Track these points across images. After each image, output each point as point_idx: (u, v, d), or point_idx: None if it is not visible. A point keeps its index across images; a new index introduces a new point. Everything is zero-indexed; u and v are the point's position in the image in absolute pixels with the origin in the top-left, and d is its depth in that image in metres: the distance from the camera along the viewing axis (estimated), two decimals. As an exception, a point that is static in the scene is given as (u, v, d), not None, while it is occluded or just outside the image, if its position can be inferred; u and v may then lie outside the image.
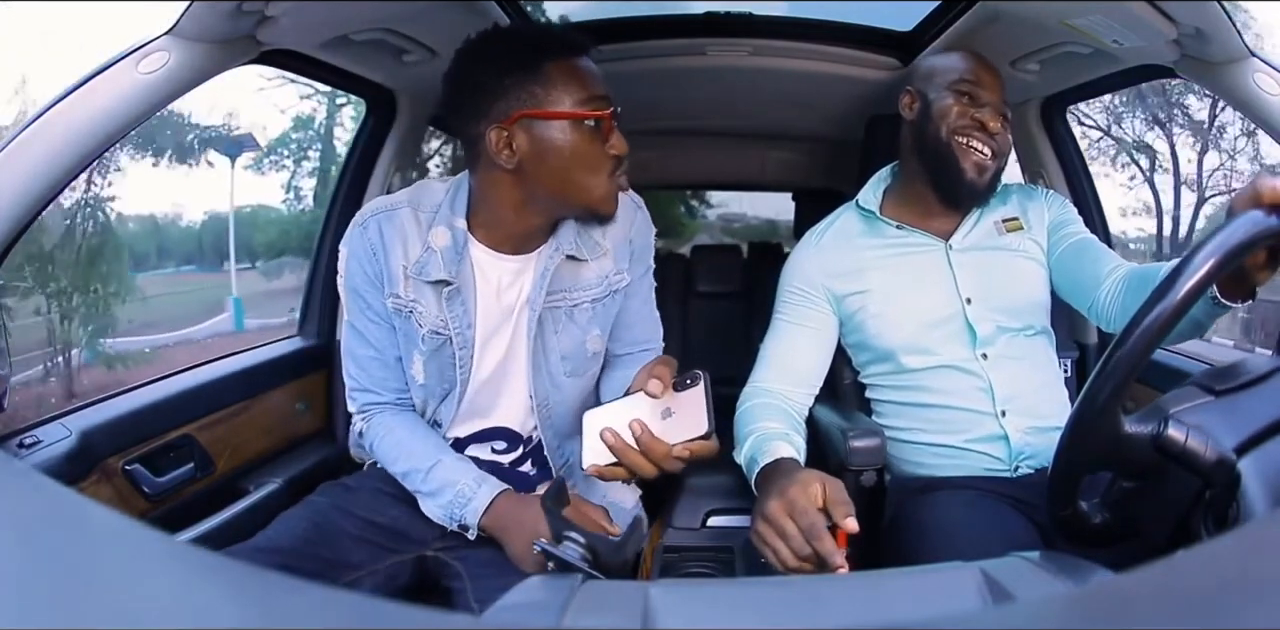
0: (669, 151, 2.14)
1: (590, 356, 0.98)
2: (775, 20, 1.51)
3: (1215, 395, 0.63)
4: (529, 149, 0.83)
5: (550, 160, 0.84)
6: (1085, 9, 1.02)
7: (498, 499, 0.87)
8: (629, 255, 0.98)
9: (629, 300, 1.01)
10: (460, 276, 0.89)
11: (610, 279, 0.96)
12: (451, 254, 0.89)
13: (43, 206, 0.83)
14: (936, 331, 1.07)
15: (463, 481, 0.88)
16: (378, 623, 0.23)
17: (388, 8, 1.06)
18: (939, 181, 1.10)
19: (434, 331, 0.91)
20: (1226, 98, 1.01)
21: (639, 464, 0.73)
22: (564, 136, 0.83)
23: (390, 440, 0.95)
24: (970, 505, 0.97)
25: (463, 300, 0.90)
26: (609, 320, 0.98)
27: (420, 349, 0.92)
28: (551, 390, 0.96)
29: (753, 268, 2.33)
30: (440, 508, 0.89)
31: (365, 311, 0.94)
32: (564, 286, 0.93)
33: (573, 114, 0.82)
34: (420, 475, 0.91)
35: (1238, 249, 0.59)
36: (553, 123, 0.82)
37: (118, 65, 0.85)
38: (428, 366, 0.93)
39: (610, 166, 0.86)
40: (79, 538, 0.24)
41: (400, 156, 1.50)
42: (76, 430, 0.96)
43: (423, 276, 0.89)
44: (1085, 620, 0.23)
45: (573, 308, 0.94)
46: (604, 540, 0.60)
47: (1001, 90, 1.10)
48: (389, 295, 0.91)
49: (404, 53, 1.24)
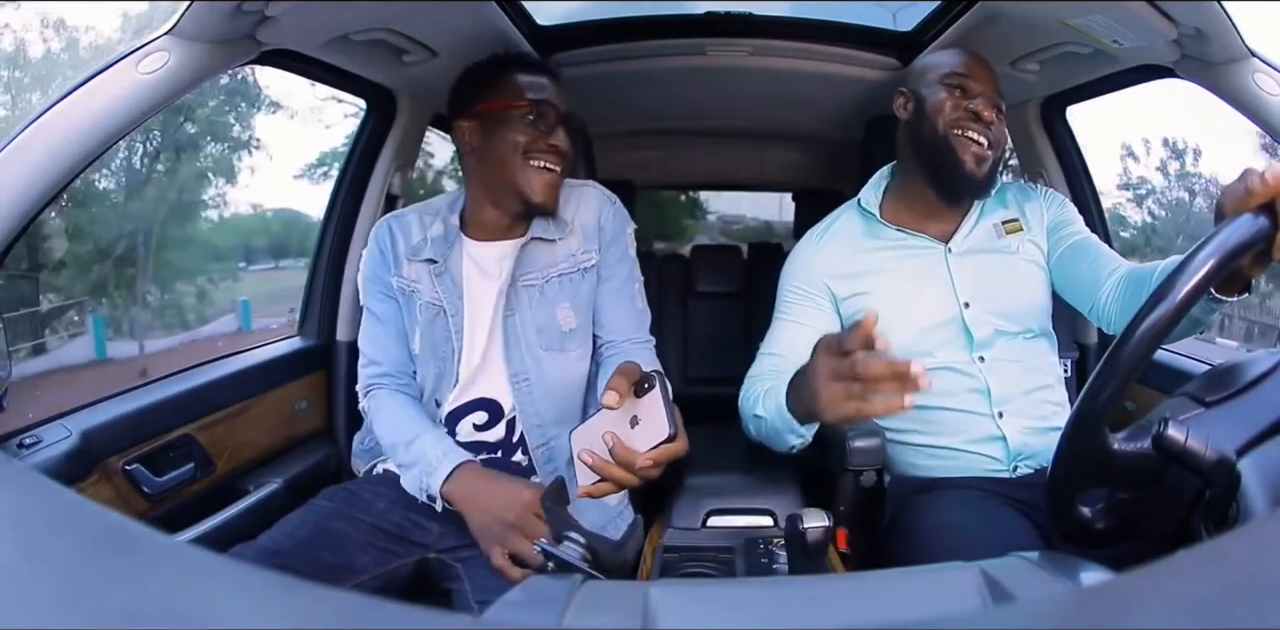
0: (669, 151, 2.14)
1: (566, 332, 1.07)
2: (775, 20, 1.51)
3: (1205, 406, 0.64)
4: (480, 135, 1.05)
5: (492, 143, 1.04)
6: (1085, 9, 1.02)
7: (459, 470, 0.92)
8: (598, 238, 1.09)
9: (604, 284, 1.10)
10: (449, 259, 1.07)
11: (578, 257, 1.08)
12: (442, 241, 1.08)
13: (43, 206, 0.83)
14: (934, 334, 1.07)
15: (432, 453, 0.95)
16: (378, 623, 0.23)
17: (388, 8, 1.06)
18: (938, 177, 1.09)
19: (430, 303, 1.06)
20: (1226, 98, 1.01)
21: (621, 477, 0.74)
22: (503, 125, 1.03)
23: (383, 416, 1.05)
24: (970, 505, 0.98)
25: (451, 278, 1.06)
26: (580, 297, 1.08)
27: (419, 321, 1.07)
28: (531, 364, 1.05)
29: (752, 268, 2.33)
30: (413, 479, 0.95)
31: (377, 294, 1.10)
32: (537, 265, 1.07)
33: (508, 105, 1.03)
34: (401, 448, 0.99)
35: (1236, 250, 0.59)
36: (496, 113, 1.04)
37: (118, 65, 0.85)
38: (424, 338, 1.07)
39: (533, 150, 1.02)
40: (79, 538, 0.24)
41: (400, 156, 1.50)
42: (76, 430, 0.96)
43: (418, 257, 1.08)
44: (1085, 620, 0.23)
45: (544, 284, 1.07)
46: (604, 540, 0.60)
47: (994, 82, 1.09)
48: (395, 276, 1.09)
49: (404, 53, 1.24)
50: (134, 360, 4.23)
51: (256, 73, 4.05)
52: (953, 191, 1.10)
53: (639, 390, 0.74)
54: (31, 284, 4.06)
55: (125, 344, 4.40)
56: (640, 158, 2.09)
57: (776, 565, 0.97)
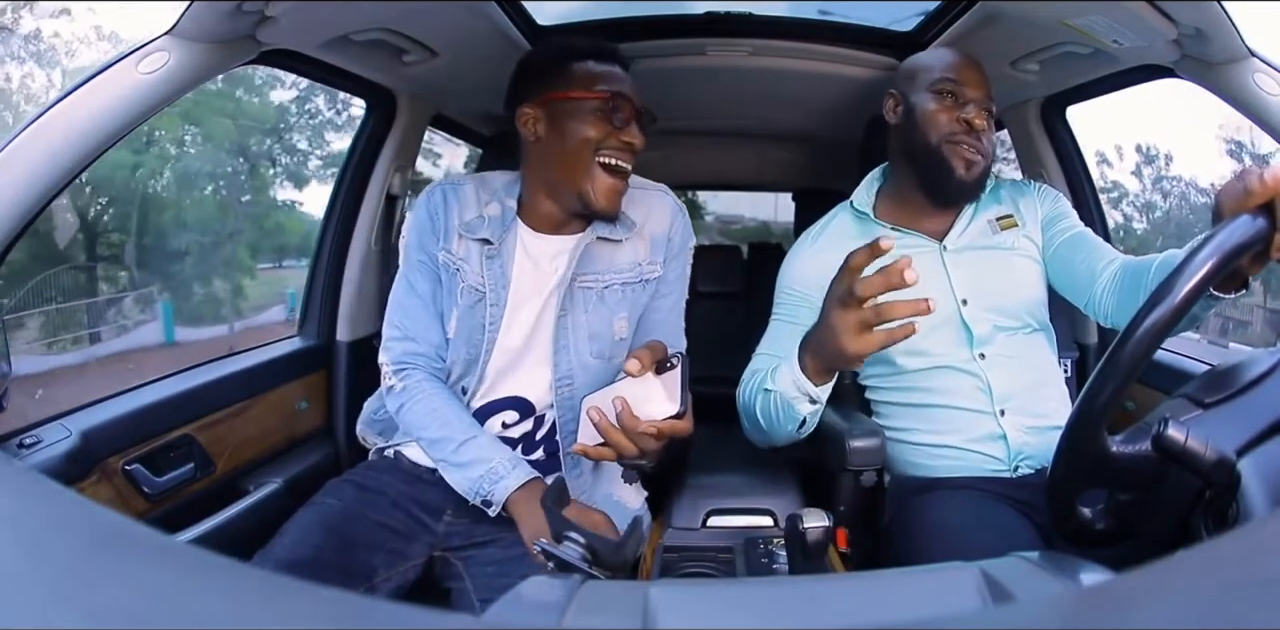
0: (669, 152, 2.14)
1: (617, 341, 1.02)
2: (775, 20, 1.51)
3: (1204, 408, 0.64)
4: (547, 125, 0.98)
5: (560, 135, 0.97)
6: (1085, 9, 1.02)
7: (529, 483, 0.91)
8: (665, 250, 1.05)
9: (658, 300, 1.05)
10: (503, 243, 1.01)
11: (643, 266, 1.03)
12: (498, 223, 1.01)
13: (43, 206, 0.83)
14: (933, 333, 1.07)
15: (497, 460, 0.92)
16: (378, 623, 0.23)
17: (388, 8, 1.06)
18: (929, 184, 1.09)
19: (473, 287, 1.00)
20: (1226, 98, 1.01)
21: (620, 442, 0.76)
22: (573, 116, 0.96)
23: (426, 405, 0.98)
24: (970, 505, 0.98)
25: (501, 263, 1.00)
26: (637, 309, 1.04)
27: (458, 304, 1.01)
28: (578, 370, 1.01)
29: (752, 268, 2.33)
30: (468, 481, 0.93)
31: (419, 265, 1.03)
32: (598, 268, 1.01)
33: (581, 95, 0.96)
34: (453, 445, 0.94)
35: (1235, 251, 0.59)
36: (567, 103, 0.97)
37: (118, 65, 0.85)
38: (460, 323, 1.01)
39: (605, 147, 0.96)
40: (79, 538, 0.24)
41: (400, 156, 1.50)
42: (76, 430, 0.96)
43: (471, 234, 1.01)
44: (1085, 620, 0.23)
45: (604, 289, 1.01)
46: (604, 540, 0.60)
47: (986, 85, 1.08)
48: (442, 249, 1.02)
49: (404, 53, 1.24)
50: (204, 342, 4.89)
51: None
52: (945, 197, 1.10)
53: (660, 367, 0.77)
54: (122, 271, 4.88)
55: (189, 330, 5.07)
56: (640, 158, 2.09)
57: (776, 565, 0.97)
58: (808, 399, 0.86)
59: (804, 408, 0.87)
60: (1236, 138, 3.51)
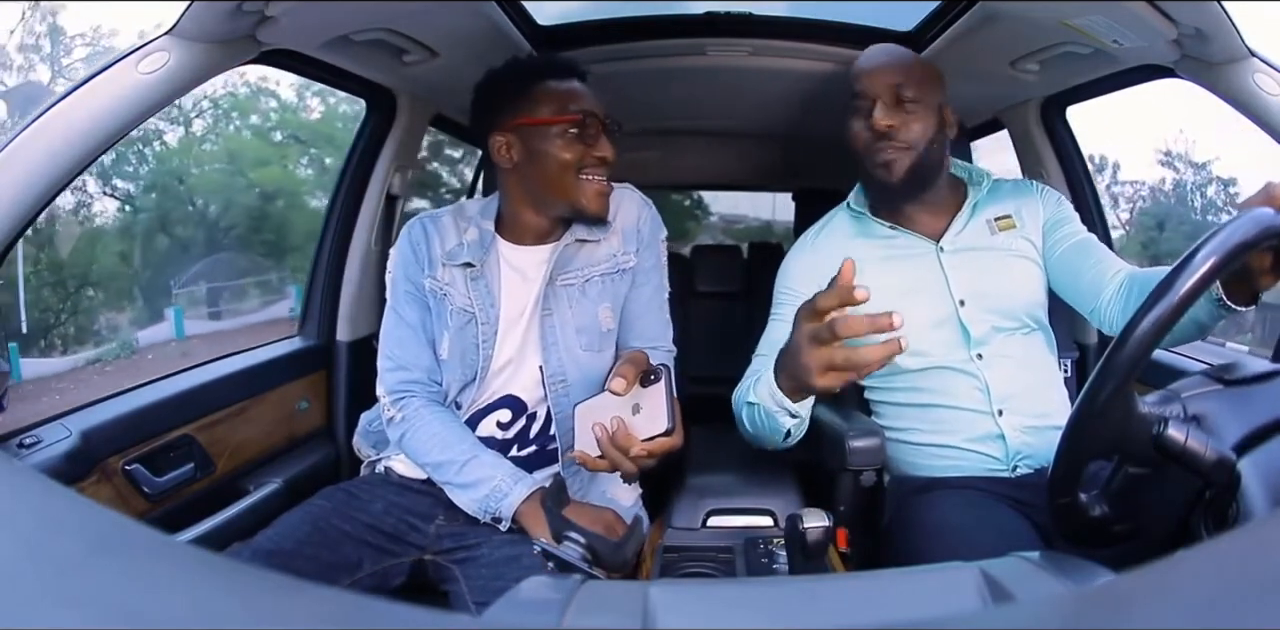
0: (669, 152, 2.14)
1: (605, 332, 1.06)
2: (775, 20, 1.51)
3: (1225, 385, 0.64)
4: (522, 151, 1.01)
5: (537, 160, 1.00)
6: (1085, 9, 1.02)
7: (534, 494, 0.93)
8: (636, 240, 1.08)
9: (637, 289, 1.08)
10: (485, 263, 1.04)
11: (619, 257, 1.07)
12: (478, 246, 1.05)
13: (43, 206, 0.83)
14: (931, 334, 1.07)
15: (500, 477, 0.94)
16: (378, 623, 0.23)
17: (388, 8, 1.06)
18: (879, 192, 1.12)
19: (461, 309, 1.03)
20: (1226, 98, 1.01)
21: (618, 460, 0.77)
22: (546, 141, 0.99)
23: (426, 431, 1.00)
24: (970, 505, 0.98)
25: (486, 283, 1.04)
26: (618, 298, 1.07)
27: (449, 326, 1.03)
28: (570, 365, 1.03)
29: (753, 268, 2.33)
30: (475, 501, 0.95)
31: (406, 296, 1.06)
32: (577, 265, 1.05)
33: (551, 121, 0.99)
34: (455, 467, 0.96)
35: (1238, 248, 0.58)
36: (537, 128, 0.99)
37: (118, 65, 0.85)
38: (453, 345, 1.03)
39: (584, 166, 0.99)
40: (79, 537, 0.24)
41: (400, 156, 1.50)
42: (76, 430, 0.96)
43: (453, 261, 1.05)
44: (1085, 620, 0.23)
45: (585, 283, 1.05)
46: (604, 540, 0.60)
47: (891, 76, 1.06)
48: (428, 277, 1.05)
49: (404, 53, 1.24)
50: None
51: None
52: (893, 201, 1.11)
53: (645, 380, 0.78)
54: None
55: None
56: (640, 158, 2.09)
57: (776, 565, 0.97)
58: (788, 413, 0.87)
59: (785, 421, 0.88)
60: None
